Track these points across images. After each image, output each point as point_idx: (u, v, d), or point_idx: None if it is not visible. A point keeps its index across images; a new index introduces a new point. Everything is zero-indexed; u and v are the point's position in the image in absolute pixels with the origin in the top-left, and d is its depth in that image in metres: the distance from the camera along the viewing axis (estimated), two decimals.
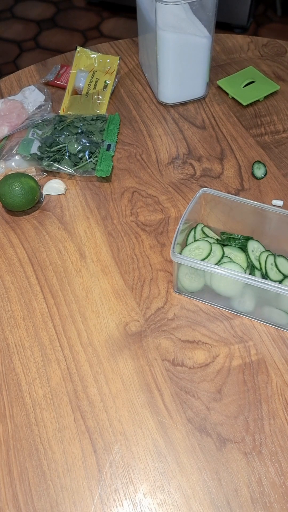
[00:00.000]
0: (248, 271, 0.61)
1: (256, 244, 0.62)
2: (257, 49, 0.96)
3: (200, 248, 0.61)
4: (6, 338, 0.59)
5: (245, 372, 0.55)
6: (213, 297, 0.61)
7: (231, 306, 0.60)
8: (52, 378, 0.55)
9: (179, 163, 0.77)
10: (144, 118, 0.84)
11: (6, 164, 0.76)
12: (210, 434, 0.51)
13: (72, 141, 0.76)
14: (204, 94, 0.86)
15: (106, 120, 0.81)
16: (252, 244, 0.62)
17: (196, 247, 0.61)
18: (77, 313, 0.61)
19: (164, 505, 0.47)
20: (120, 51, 0.97)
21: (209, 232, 0.65)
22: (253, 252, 0.61)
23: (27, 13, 2.36)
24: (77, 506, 0.47)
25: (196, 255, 0.60)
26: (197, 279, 0.60)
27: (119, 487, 0.48)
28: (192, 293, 0.62)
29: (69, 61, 0.95)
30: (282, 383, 0.54)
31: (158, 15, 0.72)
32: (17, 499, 0.48)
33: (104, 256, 0.66)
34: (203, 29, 0.76)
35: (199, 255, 0.60)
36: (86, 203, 0.72)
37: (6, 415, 0.53)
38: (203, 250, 0.61)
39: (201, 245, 0.61)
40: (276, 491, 0.47)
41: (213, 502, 0.47)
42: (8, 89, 0.91)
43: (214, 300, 0.61)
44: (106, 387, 0.54)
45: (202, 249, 0.61)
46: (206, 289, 0.61)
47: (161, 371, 0.55)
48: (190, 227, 0.64)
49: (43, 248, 0.67)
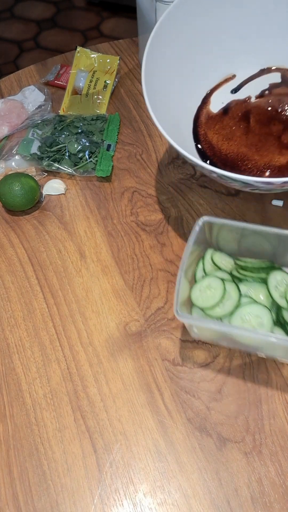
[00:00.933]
0: (274, 312, 0.50)
1: (279, 276, 0.50)
2: None
3: (211, 288, 0.51)
4: (6, 338, 0.59)
5: (245, 372, 0.55)
6: (235, 343, 0.53)
7: (258, 351, 0.53)
8: (52, 378, 0.55)
9: (179, 163, 0.77)
10: (144, 118, 0.84)
11: (6, 164, 0.76)
12: (210, 434, 0.51)
13: (72, 141, 0.76)
14: None
15: (106, 120, 0.81)
16: (274, 276, 0.50)
17: (206, 287, 0.52)
18: (77, 313, 0.61)
19: (164, 504, 0.47)
20: (120, 51, 0.97)
21: (221, 259, 0.55)
22: (277, 288, 0.50)
23: (27, 13, 2.36)
24: (77, 506, 0.47)
25: (208, 298, 0.51)
26: None
27: (119, 487, 0.48)
28: (212, 340, 0.54)
29: (69, 61, 0.95)
30: (282, 383, 0.54)
31: (158, 15, 0.72)
32: (17, 499, 0.48)
33: (104, 256, 0.66)
34: None
35: (212, 297, 0.51)
36: (86, 203, 0.72)
37: (6, 415, 0.53)
38: (215, 291, 0.51)
39: (213, 283, 0.51)
40: (276, 491, 0.47)
41: (213, 502, 0.47)
42: (8, 89, 0.91)
43: (237, 345, 0.53)
44: (106, 387, 0.54)
45: (214, 289, 0.51)
46: (227, 336, 0.52)
47: (161, 371, 0.55)
48: (198, 256, 0.55)
49: (43, 248, 0.67)
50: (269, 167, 0.56)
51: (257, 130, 0.58)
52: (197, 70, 0.59)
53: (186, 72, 0.58)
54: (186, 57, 0.58)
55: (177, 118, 0.56)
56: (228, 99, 0.61)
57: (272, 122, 0.59)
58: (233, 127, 0.59)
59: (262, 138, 0.58)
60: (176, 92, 0.57)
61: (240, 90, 0.61)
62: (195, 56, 0.59)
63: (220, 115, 0.60)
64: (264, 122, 0.59)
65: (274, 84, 0.61)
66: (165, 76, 0.55)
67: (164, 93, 0.53)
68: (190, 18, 0.56)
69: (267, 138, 0.58)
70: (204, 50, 0.59)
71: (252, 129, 0.58)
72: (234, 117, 0.59)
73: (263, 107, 0.60)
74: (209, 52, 0.60)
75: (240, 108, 0.60)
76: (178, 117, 0.56)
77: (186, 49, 0.58)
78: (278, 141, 0.57)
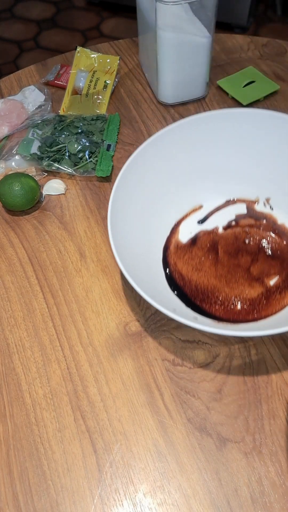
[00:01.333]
0: None
1: None
2: (257, 49, 0.96)
3: None
4: (6, 338, 0.59)
5: (245, 372, 0.55)
6: None
7: None
8: (52, 378, 0.55)
9: None
10: (144, 118, 0.84)
11: (6, 164, 0.76)
12: (210, 434, 0.51)
13: (72, 141, 0.76)
14: (204, 94, 0.86)
15: (106, 120, 0.81)
16: None
17: None
18: (77, 313, 0.61)
19: (164, 504, 0.47)
20: (120, 51, 0.97)
21: None
22: None
23: (27, 13, 2.36)
24: (77, 506, 0.47)
25: None
26: None
27: (119, 487, 0.48)
28: None
29: (69, 61, 0.95)
30: (282, 383, 0.54)
31: (158, 15, 0.72)
32: (17, 499, 0.48)
33: (104, 256, 0.66)
34: (203, 29, 0.76)
35: None
36: (86, 203, 0.72)
37: (6, 415, 0.53)
38: None
39: None
40: (276, 491, 0.47)
41: (213, 502, 0.47)
42: (8, 89, 0.91)
43: None
44: (106, 387, 0.54)
45: None
46: None
47: (161, 371, 0.55)
48: None
49: (43, 248, 0.67)
50: (240, 299, 0.58)
51: (226, 261, 0.61)
52: (165, 203, 0.62)
53: (153, 206, 0.61)
54: (153, 195, 0.61)
55: (147, 249, 0.59)
56: (196, 229, 0.64)
57: (240, 253, 0.61)
58: (202, 258, 0.61)
59: (231, 269, 0.60)
60: (145, 224, 0.60)
61: (207, 220, 0.64)
62: (162, 192, 0.62)
63: (188, 245, 0.62)
64: (232, 254, 0.61)
65: (240, 215, 0.64)
66: (131, 214, 0.58)
67: (130, 229, 0.57)
68: (152, 162, 0.59)
69: (236, 269, 0.60)
70: (170, 187, 0.62)
71: (220, 260, 0.61)
72: (202, 248, 0.62)
73: (230, 238, 0.63)
74: (176, 188, 0.63)
75: (208, 238, 0.63)
76: (147, 249, 0.59)
77: (152, 188, 0.61)
78: (248, 273, 0.60)
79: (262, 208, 0.64)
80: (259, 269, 0.60)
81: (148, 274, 0.56)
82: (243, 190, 0.65)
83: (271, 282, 0.59)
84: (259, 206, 0.64)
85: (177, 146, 0.60)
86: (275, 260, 0.60)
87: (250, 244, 0.62)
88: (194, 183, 0.63)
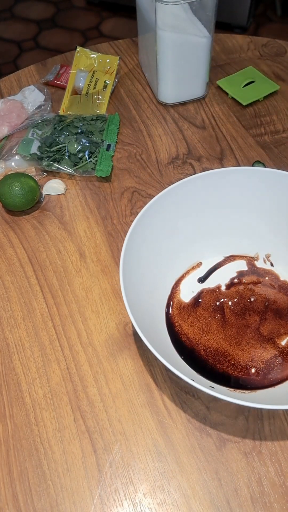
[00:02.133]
0: None
1: None
2: (257, 49, 0.96)
3: None
4: (6, 338, 0.59)
5: None
6: None
7: None
8: (52, 378, 0.55)
9: (179, 163, 0.77)
10: (144, 118, 0.84)
11: (6, 164, 0.76)
12: (210, 434, 0.51)
13: (72, 141, 0.76)
14: (204, 94, 0.86)
15: (106, 120, 0.81)
16: None
17: None
18: (77, 313, 0.61)
19: (164, 505, 0.47)
20: (120, 51, 0.97)
21: None
22: None
23: (27, 13, 2.36)
24: (77, 506, 0.47)
25: None
26: None
27: (119, 487, 0.48)
28: None
29: (69, 61, 0.95)
30: None
31: (158, 15, 0.72)
32: (17, 499, 0.48)
33: (104, 256, 0.66)
34: (203, 29, 0.76)
35: None
36: (86, 203, 0.72)
37: (6, 415, 0.53)
38: None
39: None
40: (276, 491, 0.47)
41: (213, 502, 0.47)
42: (8, 89, 0.91)
43: None
44: (106, 387, 0.54)
45: None
46: None
47: (161, 371, 0.55)
48: None
49: (43, 248, 0.67)
50: (253, 364, 0.55)
51: (234, 321, 0.58)
52: (165, 262, 0.60)
53: (155, 266, 0.59)
54: (154, 253, 0.58)
55: (151, 310, 0.56)
56: (198, 288, 0.61)
57: (247, 312, 0.59)
58: (208, 319, 0.58)
59: (240, 330, 0.57)
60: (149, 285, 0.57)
61: (208, 278, 0.62)
62: (163, 250, 0.60)
63: (192, 305, 0.59)
64: (239, 313, 0.59)
65: (242, 272, 0.62)
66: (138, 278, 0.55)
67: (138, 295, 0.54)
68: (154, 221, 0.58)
69: (246, 330, 0.57)
70: (169, 245, 0.60)
71: (228, 320, 0.58)
72: (207, 308, 0.59)
73: (235, 297, 0.60)
74: (174, 245, 0.61)
75: (212, 297, 0.60)
76: (151, 309, 0.56)
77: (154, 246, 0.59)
78: (258, 333, 0.57)
79: (263, 265, 0.62)
80: (269, 329, 0.57)
81: (158, 337, 0.54)
82: (242, 247, 0.63)
83: (283, 342, 0.56)
84: (259, 263, 0.63)
85: (177, 204, 0.59)
86: (284, 318, 0.58)
87: (257, 302, 0.59)
88: (193, 240, 0.62)
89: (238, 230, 0.62)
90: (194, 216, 0.61)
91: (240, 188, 0.59)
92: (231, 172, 0.58)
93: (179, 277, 0.62)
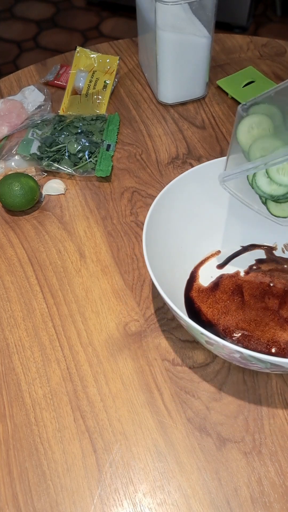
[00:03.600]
0: None
1: None
2: (257, 49, 0.96)
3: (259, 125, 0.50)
4: (6, 338, 0.59)
5: (245, 372, 0.55)
6: None
7: None
8: (52, 378, 0.55)
9: (179, 163, 0.77)
10: (143, 118, 0.84)
11: (6, 164, 0.76)
12: (210, 434, 0.51)
13: (71, 141, 0.76)
14: (203, 94, 0.86)
15: (106, 120, 0.81)
16: None
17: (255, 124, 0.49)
18: (77, 313, 0.61)
19: (164, 504, 0.47)
20: (120, 51, 0.97)
21: None
22: None
23: (27, 13, 2.36)
24: (77, 506, 0.47)
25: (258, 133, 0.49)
26: None
27: (119, 487, 0.48)
28: None
29: (69, 61, 0.95)
30: (282, 383, 0.54)
31: (157, 15, 0.72)
32: (17, 499, 0.48)
33: (104, 256, 0.66)
34: (202, 29, 0.76)
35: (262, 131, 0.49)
36: (86, 203, 0.72)
37: (6, 415, 0.53)
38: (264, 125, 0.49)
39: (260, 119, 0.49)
40: (276, 491, 0.47)
41: (213, 502, 0.47)
42: (7, 89, 0.91)
43: None
44: (106, 387, 0.54)
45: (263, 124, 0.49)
46: None
47: (161, 371, 0.55)
48: None
49: (42, 248, 0.67)
50: (274, 344, 0.56)
51: (253, 304, 0.59)
52: (185, 247, 0.61)
53: (176, 249, 0.60)
54: (174, 237, 0.60)
55: (172, 292, 0.57)
56: (217, 273, 0.63)
57: (266, 296, 0.60)
58: (227, 301, 0.59)
59: (259, 312, 0.58)
60: (168, 269, 0.58)
61: (227, 265, 0.63)
62: (182, 236, 0.61)
63: (211, 289, 0.61)
64: (258, 297, 0.60)
65: (260, 260, 0.64)
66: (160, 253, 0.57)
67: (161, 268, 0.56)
68: (174, 204, 0.59)
69: (265, 312, 0.58)
70: (189, 231, 0.61)
71: (247, 303, 0.59)
72: (226, 291, 0.60)
73: (254, 281, 0.61)
74: (195, 232, 0.62)
75: (231, 282, 0.61)
76: (172, 292, 0.58)
77: (174, 231, 0.60)
78: (278, 315, 0.58)
79: (281, 254, 0.64)
80: None
81: None
82: (261, 237, 0.64)
83: None
84: (278, 252, 0.64)
85: (197, 189, 0.60)
86: None
87: (276, 287, 0.60)
88: (212, 228, 0.63)
89: (257, 219, 0.62)
90: (214, 203, 0.61)
91: None
92: None
93: (197, 264, 0.63)
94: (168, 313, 0.60)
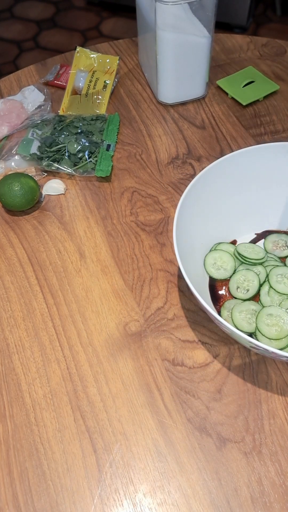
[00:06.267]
0: None
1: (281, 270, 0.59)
2: (257, 49, 0.96)
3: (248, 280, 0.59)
4: (6, 338, 0.59)
5: (245, 372, 0.55)
6: None
7: None
8: (52, 378, 0.55)
9: (179, 163, 0.77)
10: (143, 118, 0.84)
11: (6, 164, 0.76)
12: (210, 434, 0.51)
13: (71, 141, 0.76)
14: (203, 94, 0.86)
15: (106, 120, 0.81)
16: None
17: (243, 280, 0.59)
18: (77, 313, 0.61)
19: (164, 504, 0.47)
20: (120, 51, 0.97)
21: None
22: None
23: (27, 13, 2.36)
24: (77, 506, 0.47)
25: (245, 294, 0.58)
26: None
27: (119, 487, 0.48)
28: None
29: (69, 61, 0.95)
30: (282, 383, 0.54)
31: (157, 15, 0.72)
32: (17, 499, 0.48)
33: (104, 256, 0.66)
34: (202, 29, 0.76)
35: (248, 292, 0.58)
36: (86, 203, 0.72)
37: (6, 415, 0.53)
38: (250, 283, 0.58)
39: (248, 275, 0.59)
40: (276, 491, 0.47)
41: (213, 502, 0.47)
42: (7, 89, 0.91)
43: None
44: (106, 387, 0.54)
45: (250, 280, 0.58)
46: None
47: (161, 371, 0.55)
48: None
49: (42, 248, 0.67)
50: None
51: None
52: (207, 235, 0.63)
53: (197, 239, 0.62)
54: (196, 227, 0.61)
55: (197, 282, 0.59)
56: None
57: None
58: None
59: None
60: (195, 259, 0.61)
61: None
62: (203, 226, 0.62)
63: None
64: None
65: None
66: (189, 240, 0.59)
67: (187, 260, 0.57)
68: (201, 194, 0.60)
69: None
70: (208, 220, 0.63)
71: None
72: None
73: None
74: (213, 222, 0.64)
75: None
76: (197, 281, 0.59)
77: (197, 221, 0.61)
78: None
79: None
80: None
81: None
82: (275, 223, 0.66)
83: None
84: None
85: (232, 174, 0.61)
86: None
87: None
88: (229, 217, 0.64)
89: (274, 207, 0.65)
90: (233, 193, 0.63)
91: (278, 164, 0.62)
92: (269, 148, 0.61)
93: None
94: (168, 313, 0.60)
